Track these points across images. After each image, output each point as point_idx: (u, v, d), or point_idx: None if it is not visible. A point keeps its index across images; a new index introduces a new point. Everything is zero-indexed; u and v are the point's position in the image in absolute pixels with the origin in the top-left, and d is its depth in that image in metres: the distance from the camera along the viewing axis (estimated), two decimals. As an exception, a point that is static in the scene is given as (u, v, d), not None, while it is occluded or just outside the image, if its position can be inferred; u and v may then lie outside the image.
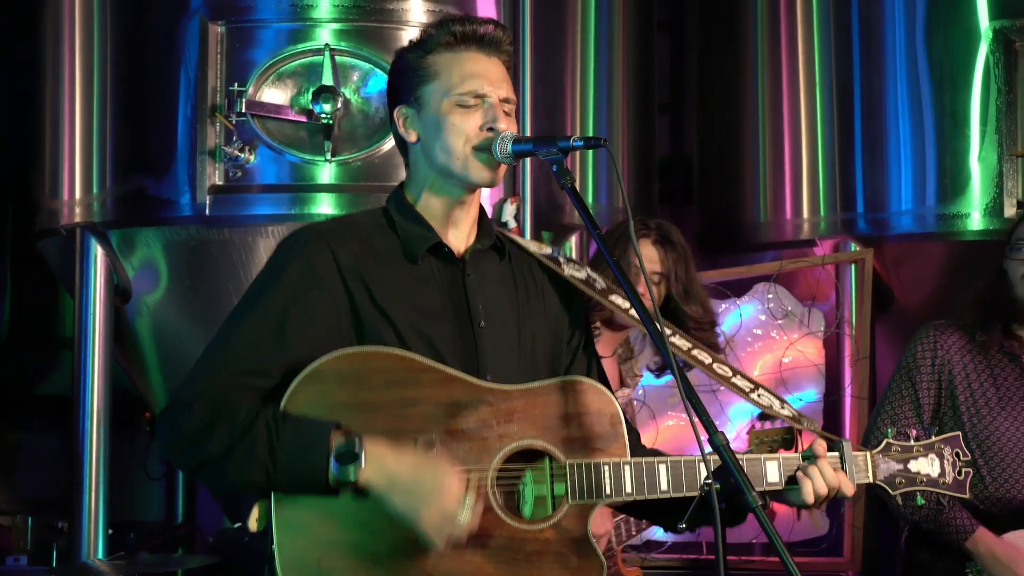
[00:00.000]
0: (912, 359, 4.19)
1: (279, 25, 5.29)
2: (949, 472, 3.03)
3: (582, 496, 2.80)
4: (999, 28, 5.62)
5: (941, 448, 3.04)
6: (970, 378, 4.13)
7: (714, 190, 6.58)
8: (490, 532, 2.75)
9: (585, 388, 2.86)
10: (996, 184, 5.60)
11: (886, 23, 5.78)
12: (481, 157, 2.86)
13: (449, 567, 2.72)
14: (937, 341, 4.18)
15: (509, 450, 2.80)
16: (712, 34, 6.69)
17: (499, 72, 2.92)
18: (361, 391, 2.75)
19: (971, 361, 4.15)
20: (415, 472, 2.68)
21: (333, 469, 2.65)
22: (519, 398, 2.81)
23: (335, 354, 2.75)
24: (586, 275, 3.08)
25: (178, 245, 5.42)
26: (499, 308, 2.94)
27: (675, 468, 2.85)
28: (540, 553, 2.77)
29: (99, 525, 5.52)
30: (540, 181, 5.48)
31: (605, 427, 2.84)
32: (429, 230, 2.91)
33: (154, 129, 5.44)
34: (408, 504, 2.68)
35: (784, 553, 2.59)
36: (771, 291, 5.85)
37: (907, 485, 3.01)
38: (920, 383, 4.15)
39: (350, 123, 5.21)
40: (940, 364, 4.15)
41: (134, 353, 5.89)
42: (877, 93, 5.79)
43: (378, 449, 2.68)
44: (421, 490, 2.67)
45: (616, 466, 2.82)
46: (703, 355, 3.11)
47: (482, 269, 2.95)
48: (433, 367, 2.79)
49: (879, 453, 3.01)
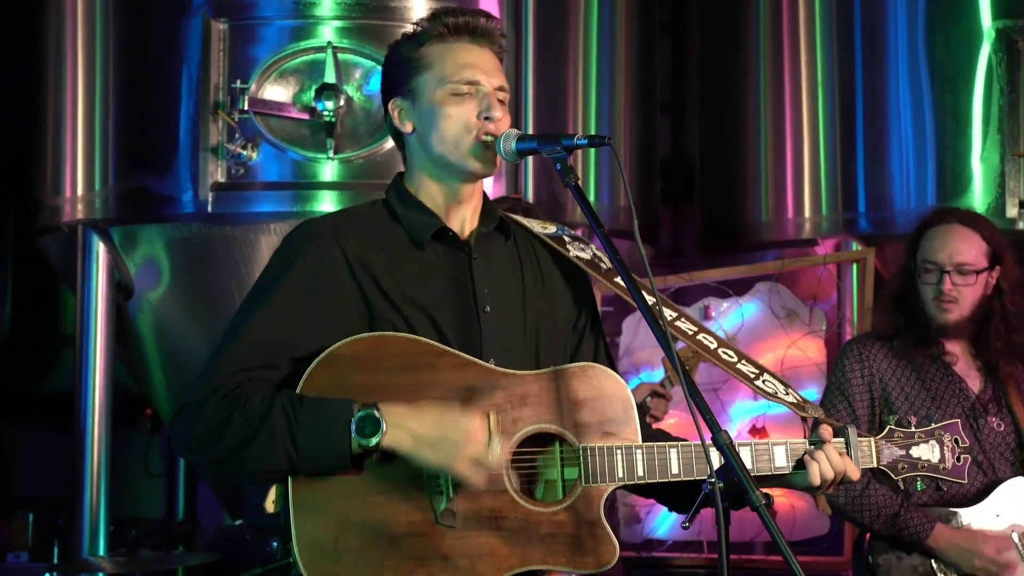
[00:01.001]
0: (841, 375, 4.26)
1: (282, 22, 5.29)
2: (948, 458, 3.08)
3: (595, 479, 2.82)
4: (1001, 28, 5.62)
5: (941, 435, 3.10)
6: (902, 383, 4.23)
7: (716, 190, 6.58)
8: (505, 514, 2.78)
9: (597, 373, 2.88)
10: (998, 184, 5.60)
11: (888, 23, 5.78)
12: (477, 149, 2.86)
13: (464, 547, 2.75)
14: (863, 355, 4.26)
15: (523, 434, 2.82)
16: (714, 35, 6.69)
17: (492, 62, 2.93)
18: (377, 374, 2.76)
19: (898, 368, 4.25)
20: (437, 425, 2.71)
21: (357, 438, 2.68)
22: (533, 383, 2.83)
23: (351, 339, 2.77)
24: (591, 255, 3.08)
25: (180, 242, 5.42)
26: (504, 292, 2.95)
27: (686, 452, 2.87)
28: (554, 535, 2.80)
29: (100, 522, 5.53)
30: (542, 179, 5.48)
31: (617, 411, 2.87)
32: (432, 216, 2.92)
33: (156, 126, 5.45)
34: (439, 457, 2.71)
35: (787, 552, 2.59)
36: (773, 290, 5.85)
37: (909, 470, 3.06)
38: (853, 396, 4.24)
39: (352, 120, 5.21)
40: (869, 377, 4.24)
41: (136, 350, 5.89)
42: (879, 93, 5.79)
43: (397, 411, 2.71)
44: (448, 441, 2.70)
45: (628, 450, 2.85)
46: (708, 339, 3.11)
47: (489, 252, 2.96)
48: (448, 351, 2.81)
49: (883, 439, 3.06)
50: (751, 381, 3.03)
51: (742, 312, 5.82)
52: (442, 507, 2.74)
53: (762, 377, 3.07)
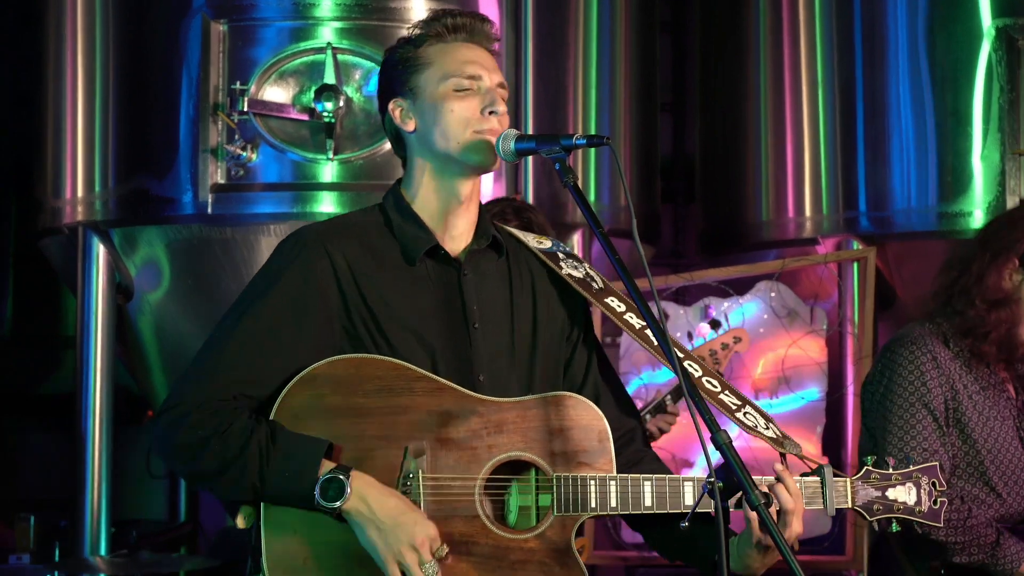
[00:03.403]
0: (918, 380, 3.78)
1: (281, 23, 5.29)
2: (925, 501, 3.01)
3: (568, 508, 2.83)
4: (1001, 26, 5.61)
5: (919, 477, 3.01)
6: (969, 390, 3.83)
7: (717, 189, 6.57)
8: (476, 540, 2.78)
9: (575, 403, 2.88)
10: (999, 183, 5.60)
11: (888, 21, 5.77)
12: (478, 143, 2.87)
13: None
14: (935, 356, 3.80)
15: (497, 460, 2.82)
16: (714, 33, 6.69)
17: (490, 60, 2.94)
18: (354, 396, 2.77)
19: (962, 373, 3.83)
20: (394, 516, 2.72)
21: (319, 498, 2.70)
22: (509, 410, 2.83)
23: (330, 359, 2.78)
24: (584, 273, 3.06)
25: (180, 244, 5.42)
26: (495, 308, 2.94)
27: (659, 486, 2.87)
28: (524, 562, 2.80)
29: (101, 523, 5.53)
30: (542, 179, 5.48)
31: (592, 442, 2.86)
32: (426, 232, 2.91)
33: (156, 128, 5.45)
34: (378, 542, 2.72)
35: (786, 551, 2.59)
36: (774, 290, 5.85)
37: (884, 512, 2.99)
38: (935, 407, 3.77)
39: (352, 122, 5.22)
40: (943, 382, 3.80)
41: (136, 352, 5.90)
42: (879, 91, 5.78)
43: (364, 483, 2.72)
44: (394, 535, 2.71)
45: (602, 481, 2.85)
46: (694, 367, 3.09)
47: (480, 269, 2.95)
48: (426, 376, 2.81)
49: (859, 479, 2.99)
50: (732, 413, 3.00)
51: (743, 312, 5.82)
52: None
53: (743, 409, 3.03)
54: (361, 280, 2.84)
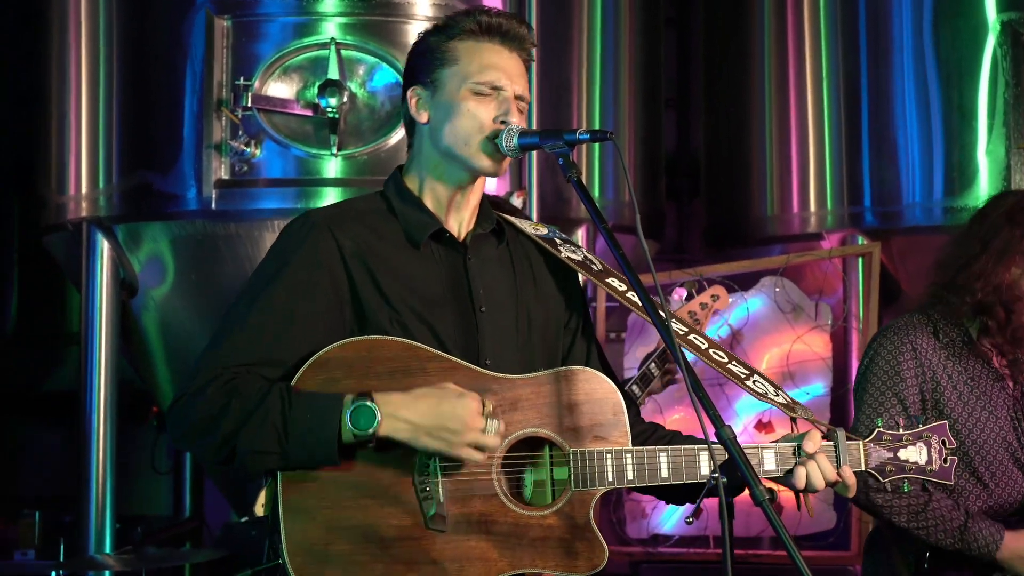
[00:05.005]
0: (892, 369, 3.80)
1: (285, 19, 5.29)
2: (935, 460, 3.08)
3: (585, 483, 2.83)
4: (1007, 21, 5.60)
5: (929, 436, 3.08)
6: (954, 381, 3.82)
7: (721, 184, 6.57)
8: (495, 518, 2.79)
9: (588, 377, 2.88)
10: (1004, 177, 5.59)
11: (893, 16, 5.77)
12: (487, 147, 2.87)
13: (454, 551, 2.76)
14: (915, 347, 3.79)
15: (514, 438, 2.82)
16: (719, 29, 6.69)
17: (518, 68, 2.93)
18: (367, 378, 2.77)
19: (948, 364, 3.82)
20: (433, 413, 2.72)
21: (351, 428, 2.69)
22: (523, 387, 2.84)
23: (342, 342, 2.78)
24: (582, 256, 3.08)
25: (184, 239, 5.42)
26: (499, 292, 2.95)
27: (675, 456, 2.88)
28: (544, 539, 2.81)
29: (106, 519, 5.53)
30: (546, 175, 5.48)
31: (607, 415, 2.87)
32: (430, 216, 2.92)
33: (160, 124, 5.45)
34: (438, 444, 2.72)
35: (791, 547, 2.59)
36: (778, 285, 5.85)
37: (896, 473, 3.06)
38: (906, 396, 3.79)
39: (356, 117, 5.21)
40: (920, 372, 3.79)
41: (140, 348, 5.90)
42: (884, 87, 5.78)
43: (391, 400, 2.72)
44: (445, 427, 2.72)
45: (618, 454, 2.86)
46: (700, 340, 3.11)
47: (482, 253, 2.97)
48: (439, 356, 2.81)
49: (871, 442, 3.05)
50: (742, 381, 3.05)
51: (748, 307, 5.82)
52: (432, 512, 2.75)
53: (752, 377, 3.09)
54: (371, 261, 2.86)
